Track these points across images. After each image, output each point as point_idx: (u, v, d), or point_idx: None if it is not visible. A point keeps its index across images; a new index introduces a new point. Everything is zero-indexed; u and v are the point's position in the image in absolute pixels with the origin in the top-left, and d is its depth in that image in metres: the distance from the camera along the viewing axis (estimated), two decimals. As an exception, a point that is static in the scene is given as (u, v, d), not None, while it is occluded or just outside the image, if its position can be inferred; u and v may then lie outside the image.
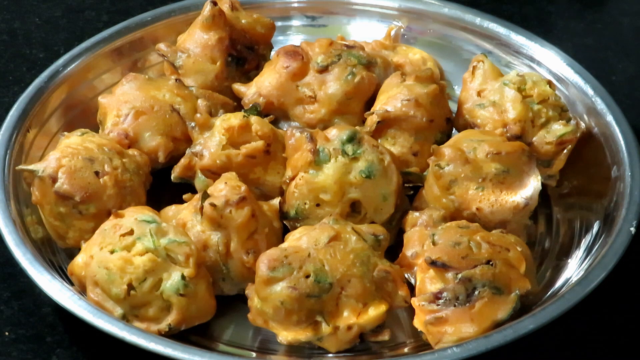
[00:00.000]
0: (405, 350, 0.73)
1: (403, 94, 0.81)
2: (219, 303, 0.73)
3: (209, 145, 0.78)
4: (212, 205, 0.72)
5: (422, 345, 0.71)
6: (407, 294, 0.70)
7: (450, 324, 0.68)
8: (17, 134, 0.82)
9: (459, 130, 0.84)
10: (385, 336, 0.71)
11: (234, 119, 0.79)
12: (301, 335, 0.69)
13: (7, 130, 0.82)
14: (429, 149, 0.80)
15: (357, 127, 0.78)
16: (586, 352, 0.75)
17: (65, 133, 0.81)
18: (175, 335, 0.71)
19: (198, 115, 0.79)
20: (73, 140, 0.78)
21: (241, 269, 0.73)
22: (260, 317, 0.70)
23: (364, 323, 0.69)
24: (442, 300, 0.68)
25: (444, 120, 0.83)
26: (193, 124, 0.80)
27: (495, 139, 0.78)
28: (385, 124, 0.81)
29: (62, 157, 0.75)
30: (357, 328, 0.69)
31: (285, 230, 0.76)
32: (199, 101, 0.82)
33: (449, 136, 0.83)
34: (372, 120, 0.81)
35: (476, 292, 0.68)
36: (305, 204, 0.76)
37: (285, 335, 0.69)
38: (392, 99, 0.82)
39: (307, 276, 0.68)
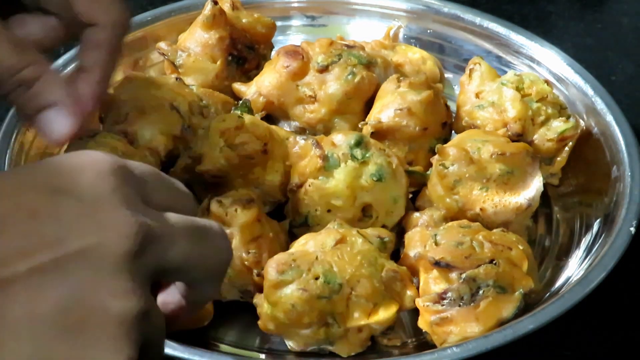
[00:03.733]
0: (408, 349, 0.73)
1: (396, 102, 0.81)
2: (224, 312, 0.73)
3: (206, 149, 0.78)
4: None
5: (423, 345, 0.71)
6: (416, 293, 0.71)
7: (455, 324, 0.68)
8: (17, 134, 0.82)
9: (457, 133, 0.84)
10: (397, 341, 0.71)
11: (229, 120, 0.78)
12: (312, 339, 0.69)
13: (7, 130, 0.81)
14: (424, 156, 0.80)
15: (362, 132, 0.79)
16: (586, 352, 0.75)
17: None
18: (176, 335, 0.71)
19: (191, 117, 0.79)
20: (85, 144, 0.77)
21: (240, 267, 0.73)
22: (271, 322, 0.69)
23: (374, 324, 0.69)
24: (447, 301, 0.68)
25: (439, 126, 0.83)
26: (187, 126, 0.80)
27: (499, 140, 0.78)
28: (379, 135, 0.81)
29: None
30: (367, 329, 0.69)
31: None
32: (191, 102, 0.82)
33: (445, 140, 0.83)
34: (367, 130, 0.81)
35: (480, 292, 0.68)
36: (316, 210, 0.76)
37: (297, 341, 0.69)
38: (386, 107, 0.81)
39: (317, 278, 0.68)
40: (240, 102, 0.84)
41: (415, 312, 0.71)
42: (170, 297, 0.53)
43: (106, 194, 0.46)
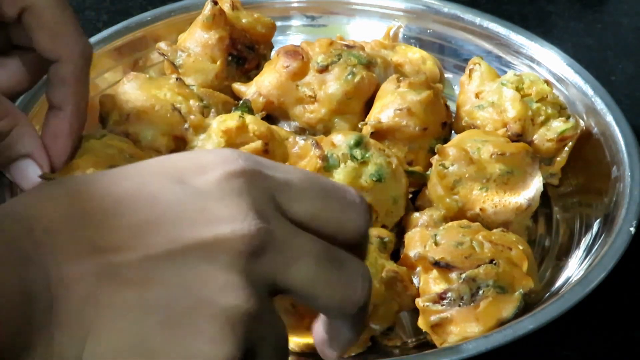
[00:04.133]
0: (408, 349, 0.73)
1: (396, 102, 0.81)
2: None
3: (208, 149, 0.78)
4: None
5: (423, 345, 0.72)
6: (416, 294, 0.70)
7: (455, 324, 0.68)
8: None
9: (457, 133, 0.84)
10: (397, 341, 0.71)
11: (230, 120, 0.78)
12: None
13: (7, 130, 0.81)
14: (424, 156, 0.80)
15: (362, 132, 0.79)
16: (586, 352, 0.75)
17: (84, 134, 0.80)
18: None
19: (192, 117, 0.79)
20: (92, 145, 0.77)
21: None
22: None
23: (374, 325, 0.69)
24: (447, 301, 0.68)
25: (439, 126, 0.83)
26: (187, 126, 0.80)
27: (499, 140, 0.78)
28: (379, 135, 0.81)
29: (85, 166, 0.74)
30: (368, 330, 0.69)
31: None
32: (191, 102, 0.82)
33: (445, 140, 0.83)
34: (366, 130, 0.81)
35: (480, 292, 0.68)
36: None
37: (297, 342, 0.69)
38: (386, 108, 0.81)
39: None
40: (241, 102, 0.84)
41: (415, 312, 0.71)
42: (319, 326, 0.53)
43: (231, 193, 0.45)
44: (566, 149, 0.82)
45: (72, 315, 0.42)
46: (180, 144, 0.82)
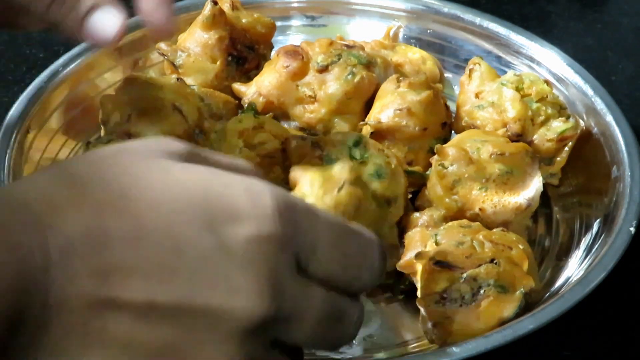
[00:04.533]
0: (408, 349, 0.73)
1: (396, 103, 0.81)
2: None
3: (226, 151, 0.78)
4: None
5: (424, 345, 0.71)
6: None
7: (456, 323, 0.68)
8: (17, 134, 0.82)
9: (457, 133, 0.84)
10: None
11: (247, 121, 0.78)
12: None
13: (7, 130, 0.81)
14: (424, 157, 0.80)
15: (362, 132, 0.78)
16: (586, 352, 0.75)
17: (92, 141, 0.80)
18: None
19: (205, 122, 0.79)
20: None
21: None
22: None
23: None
24: (448, 300, 0.68)
25: (438, 126, 0.83)
26: (198, 131, 0.79)
27: (499, 140, 0.78)
28: (379, 135, 0.81)
29: None
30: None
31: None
32: (200, 105, 0.81)
33: (445, 140, 0.83)
34: (366, 130, 0.81)
35: (482, 291, 0.68)
36: None
37: None
38: (386, 108, 0.81)
39: None
40: (246, 106, 0.84)
41: (415, 312, 0.71)
42: None
43: (256, 261, 0.44)
44: (566, 149, 0.83)
45: (58, 344, 0.42)
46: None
